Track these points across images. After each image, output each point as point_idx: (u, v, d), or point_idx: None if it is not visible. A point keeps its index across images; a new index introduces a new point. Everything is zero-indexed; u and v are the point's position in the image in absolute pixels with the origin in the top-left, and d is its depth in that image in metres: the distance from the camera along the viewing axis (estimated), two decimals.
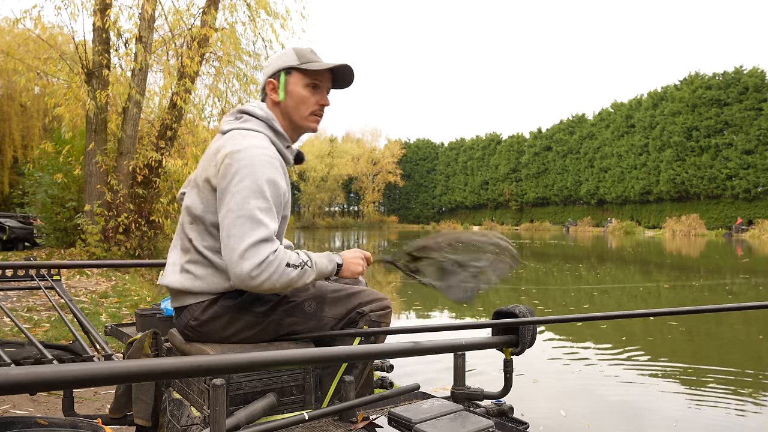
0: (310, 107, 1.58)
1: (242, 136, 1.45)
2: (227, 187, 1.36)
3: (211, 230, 1.44)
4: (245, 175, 1.36)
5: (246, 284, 1.33)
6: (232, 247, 1.32)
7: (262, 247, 1.32)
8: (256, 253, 1.31)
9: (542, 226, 48.92)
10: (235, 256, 1.31)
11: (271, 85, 1.58)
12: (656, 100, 41.33)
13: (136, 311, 1.94)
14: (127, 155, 8.60)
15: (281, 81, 1.56)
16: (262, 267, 1.31)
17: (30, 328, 4.12)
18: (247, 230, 1.32)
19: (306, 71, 1.56)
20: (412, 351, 0.99)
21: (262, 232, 1.33)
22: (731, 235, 32.68)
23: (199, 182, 1.47)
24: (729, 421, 3.17)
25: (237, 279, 1.32)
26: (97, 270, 7.73)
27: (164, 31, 9.45)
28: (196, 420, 1.31)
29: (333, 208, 66.85)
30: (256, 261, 1.31)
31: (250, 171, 1.37)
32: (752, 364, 4.60)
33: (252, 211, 1.34)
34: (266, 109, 1.55)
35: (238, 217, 1.33)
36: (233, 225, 1.33)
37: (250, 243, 1.31)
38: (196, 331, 1.48)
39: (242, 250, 1.31)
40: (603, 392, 3.72)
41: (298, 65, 1.55)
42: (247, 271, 1.30)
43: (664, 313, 1.13)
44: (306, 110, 1.57)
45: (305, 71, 1.56)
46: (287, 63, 1.57)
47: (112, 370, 0.61)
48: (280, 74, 1.57)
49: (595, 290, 9.09)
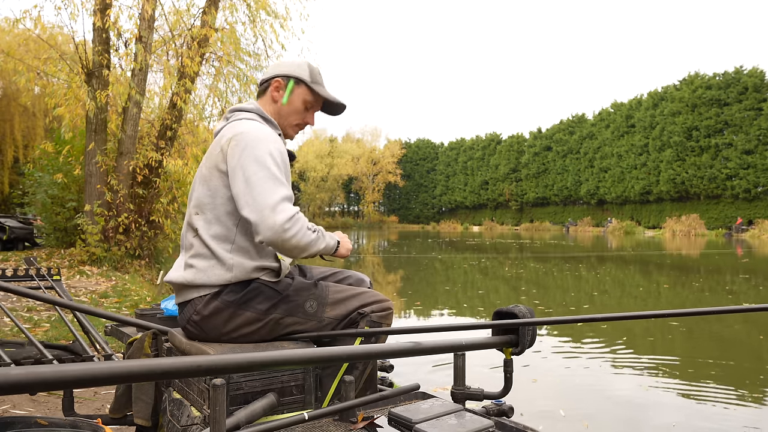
0: (299, 120, 1.69)
1: (239, 122, 1.54)
2: (239, 161, 1.43)
3: (221, 217, 1.49)
4: (254, 146, 1.44)
5: (278, 236, 1.37)
6: (261, 202, 1.37)
7: (288, 204, 1.40)
8: (285, 208, 1.38)
9: (542, 226, 48.92)
10: (267, 209, 1.36)
11: (278, 84, 1.65)
12: (656, 100, 41.33)
13: (136, 311, 1.94)
14: (127, 155, 8.60)
15: (289, 87, 1.66)
16: (292, 221, 1.38)
17: (30, 328, 4.12)
18: (272, 187, 1.39)
19: (311, 90, 1.67)
20: (413, 351, 0.99)
21: (285, 190, 1.42)
22: (731, 235, 32.68)
23: (205, 172, 1.52)
24: (729, 423, 3.17)
25: (270, 230, 1.36)
26: (97, 270, 7.73)
27: (164, 31, 9.45)
28: (196, 420, 1.31)
29: (333, 208, 66.90)
30: (288, 215, 1.38)
31: (258, 143, 1.45)
32: (752, 364, 4.60)
33: (271, 171, 1.41)
34: (255, 103, 1.65)
35: (259, 178, 1.39)
36: (257, 184, 1.39)
37: (279, 198, 1.39)
38: (198, 326, 1.49)
39: (273, 203, 1.37)
40: (603, 392, 3.72)
41: (308, 82, 1.65)
42: (280, 223, 1.36)
43: (664, 315, 1.13)
44: (294, 120, 1.68)
45: (311, 90, 1.67)
46: (299, 75, 1.66)
47: (112, 370, 0.61)
48: (290, 80, 1.66)
49: (596, 290, 9.09)
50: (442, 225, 57.77)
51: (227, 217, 1.49)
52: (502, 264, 14.28)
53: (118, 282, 6.91)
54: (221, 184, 1.48)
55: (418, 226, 60.58)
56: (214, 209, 1.49)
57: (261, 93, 1.69)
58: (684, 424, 3.15)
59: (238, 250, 1.49)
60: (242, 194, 1.41)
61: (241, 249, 1.49)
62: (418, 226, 60.58)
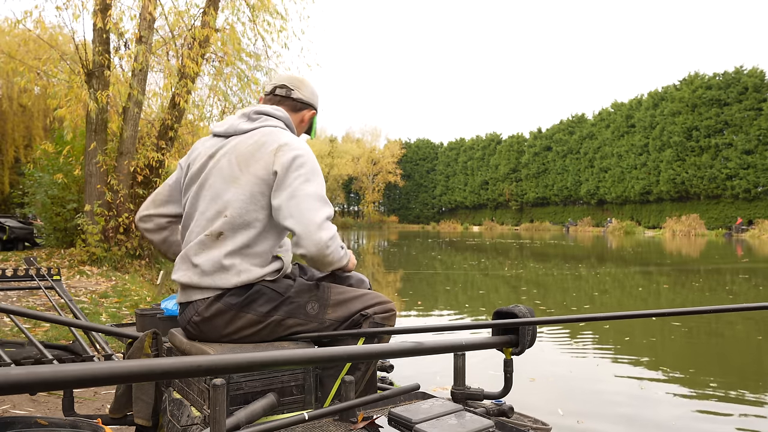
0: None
1: (280, 132, 1.56)
2: (289, 173, 1.46)
3: (247, 221, 1.47)
4: (304, 162, 1.49)
5: (321, 252, 1.45)
6: (309, 217, 1.43)
7: (330, 223, 1.48)
8: (329, 226, 1.46)
9: (542, 226, 48.92)
10: (313, 226, 1.43)
11: (312, 115, 1.77)
12: (656, 100, 41.33)
13: (136, 311, 1.94)
14: (127, 155, 8.60)
15: (314, 122, 1.79)
16: (333, 239, 1.47)
17: (30, 328, 4.12)
18: (320, 206, 1.46)
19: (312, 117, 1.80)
20: (413, 351, 0.99)
21: (329, 210, 1.49)
22: (731, 235, 32.67)
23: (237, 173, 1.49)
24: (729, 423, 3.17)
25: (315, 246, 1.43)
26: (97, 270, 7.73)
27: (164, 31, 9.45)
28: (196, 420, 1.31)
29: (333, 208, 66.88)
30: (331, 233, 1.47)
31: (309, 159, 1.51)
32: (753, 365, 4.60)
33: (320, 192, 1.48)
34: (283, 111, 1.67)
35: (308, 195, 1.45)
36: (305, 201, 1.44)
37: (325, 217, 1.46)
38: (198, 327, 1.48)
39: (320, 221, 1.44)
40: (603, 392, 3.72)
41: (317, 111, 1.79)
42: (325, 240, 1.44)
43: (664, 313, 1.13)
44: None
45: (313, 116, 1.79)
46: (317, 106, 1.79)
47: (112, 370, 0.61)
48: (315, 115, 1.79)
49: (596, 290, 9.09)
50: (442, 225, 57.77)
51: (254, 222, 1.47)
52: (502, 264, 14.28)
53: (118, 282, 6.91)
54: (258, 191, 1.47)
55: (418, 226, 60.58)
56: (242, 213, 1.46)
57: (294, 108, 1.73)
58: (684, 423, 3.15)
59: (253, 256, 1.47)
60: (286, 206, 1.44)
61: (256, 254, 1.48)
62: (418, 226, 60.58)
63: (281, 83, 1.73)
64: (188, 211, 1.58)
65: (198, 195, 1.55)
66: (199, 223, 1.51)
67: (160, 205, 1.73)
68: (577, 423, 3.12)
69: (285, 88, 1.72)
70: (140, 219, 1.76)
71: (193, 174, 1.60)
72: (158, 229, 1.75)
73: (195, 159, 1.62)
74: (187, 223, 1.58)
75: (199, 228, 1.50)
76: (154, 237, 1.77)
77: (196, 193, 1.56)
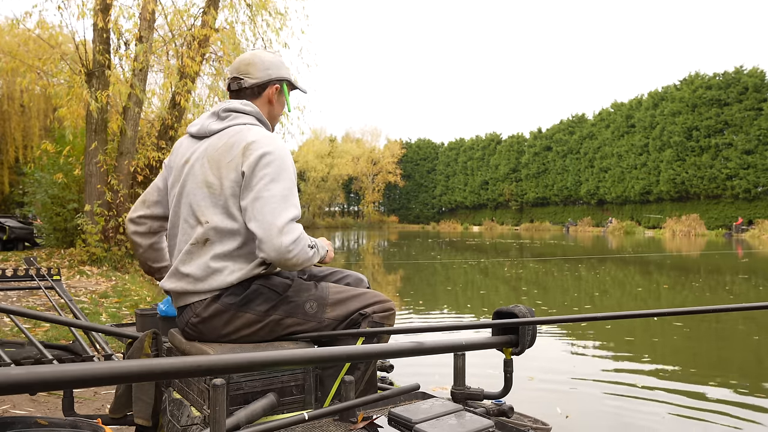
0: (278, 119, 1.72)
1: (248, 129, 1.50)
2: (255, 173, 1.42)
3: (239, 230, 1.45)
4: (271, 160, 1.43)
5: (282, 257, 1.39)
6: (270, 222, 1.38)
7: (295, 225, 1.42)
8: (292, 229, 1.40)
9: (542, 226, 48.89)
10: (274, 230, 1.38)
11: (277, 90, 1.63)
12: (656, 100, 41.30)
13: (136, 311, 1.94)
14: (127, 155, 8.60)
15: (286, 92, 1.67)
16: (296, 243, 1.41)
17: (30, 328, 4.12)
18: (283, 208, 1.40)
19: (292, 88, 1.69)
20: (413, 351, 0.99)
21: (294, 211, 1.43)
22: (731, 235, 32.65)
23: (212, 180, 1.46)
24: (729, 423, 3.17)
25: (275, 251, 1.39)
26: (97, 270, 7.73)
27: (164, 31, 9.46)
28: (196, 420, 1.31)
29: (333, 208, 66.88)
30: (293, 237, 1.40)
31: (276, 156, 1.44)
32: (753, 366, 4.60)
33: (285, 191, 1.42)
34: (251, 104, 1.59)
35: (273, 196, 1.40)
36: (268, 203, 1.39)
37: (288, 219, 1.40)
38: (197, 328, 1.48)
39: (281, 225, 1.38)
40: (603, 392, 3.72)
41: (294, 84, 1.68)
42: (286, 245, 1.38)
43: (664, 313, 1.13)
44: (276, 121, 1.70)
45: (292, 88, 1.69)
46: (289, 78, 1.66)
47: (112, 370, 0.61)
48: (283, 84, 1.65)
49: (596, 291, 9.09)
50: (442, 225, 57.74)
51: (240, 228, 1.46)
52: (502, 264, 14.27)
53: (118, 282, 6.91)
54: (234, 194, 1.45)
55: (418, 226, 60.56)
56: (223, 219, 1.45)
57: (252, 94, 1.61)
58: (684, 423, 3.15)
59: (245, 256, 1.47)
60: (251, 208, 1.40)
61: (248, 254, 1.47)
62: (418, 226, 60.56)
63: (231, 76, 1.63)
64: (172, 220, 1.57)
65: (179, 202, 1.54)
66: (184, 231, 1.50)
67: (151, 206, 1.71)
68: (577, 423, 3.12)
69: (235, 80, 1.61)
70: (133, 221, 1.73)
71: (173, 179, 1.59)
72: (149, 233, 1.74)
73: (174, 162, 1.61)
74: (173, 232, 1.57)
75: (186, 237, 1.50)
76: (142, 241, 1.74)
77: (177, 200, 1.55)
